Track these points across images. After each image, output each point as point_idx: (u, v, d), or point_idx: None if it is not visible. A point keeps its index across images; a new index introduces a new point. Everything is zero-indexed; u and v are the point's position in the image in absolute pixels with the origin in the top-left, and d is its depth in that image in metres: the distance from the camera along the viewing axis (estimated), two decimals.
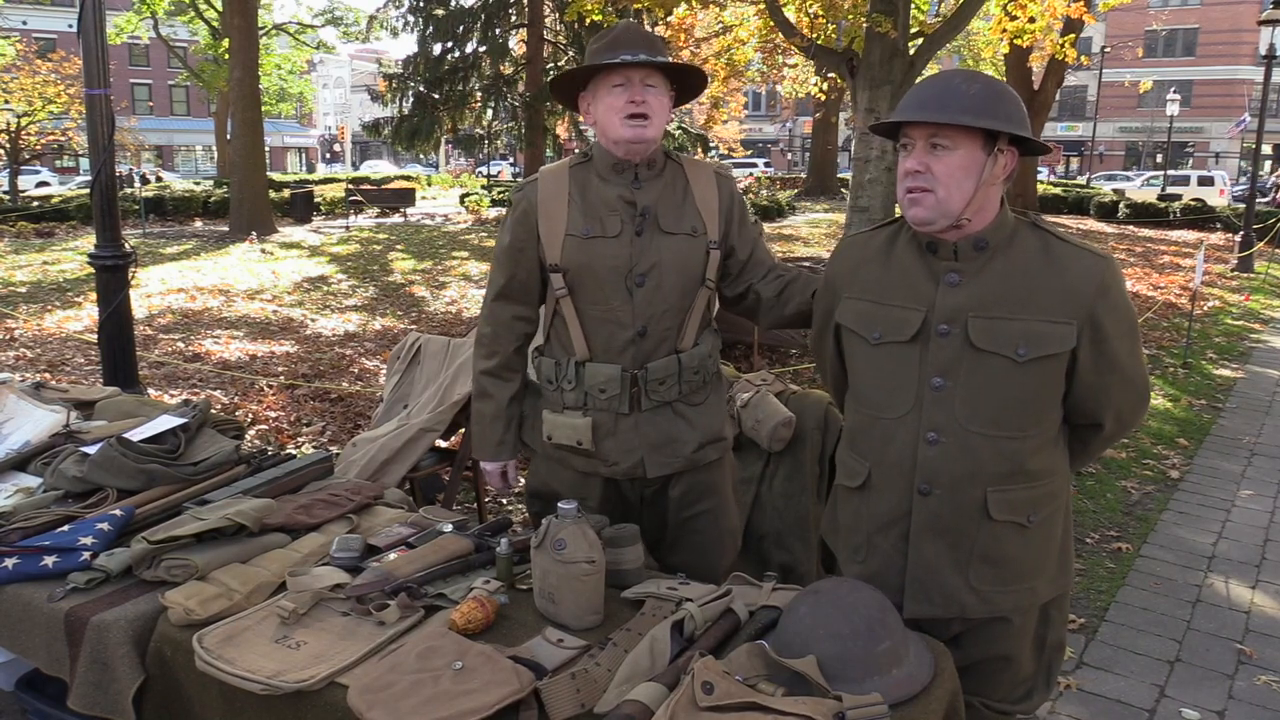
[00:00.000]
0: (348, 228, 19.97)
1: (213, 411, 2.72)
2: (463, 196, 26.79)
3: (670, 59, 2.03)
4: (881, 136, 1.77)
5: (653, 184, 2.08)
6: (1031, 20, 10.77)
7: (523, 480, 2.59)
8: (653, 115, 2.01)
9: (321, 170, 54.38)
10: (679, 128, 25.66)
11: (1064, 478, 1.81)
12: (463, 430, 3.84)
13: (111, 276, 4.46)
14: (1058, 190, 26.48)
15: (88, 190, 8.43)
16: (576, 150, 3.49)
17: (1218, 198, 27.22)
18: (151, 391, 6.10)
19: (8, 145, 23.19)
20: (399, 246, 16.38)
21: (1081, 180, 35.92)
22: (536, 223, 2.07)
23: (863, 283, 1.82)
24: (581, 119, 2.31)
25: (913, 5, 10.27)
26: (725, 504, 2.25)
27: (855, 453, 1.86)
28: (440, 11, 23.83)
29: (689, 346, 2.11)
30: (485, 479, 2.31)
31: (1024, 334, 1.66)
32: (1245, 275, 13.81)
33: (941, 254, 1.72)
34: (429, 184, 35.59)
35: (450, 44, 24.53)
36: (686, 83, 2.14)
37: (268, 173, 20.66)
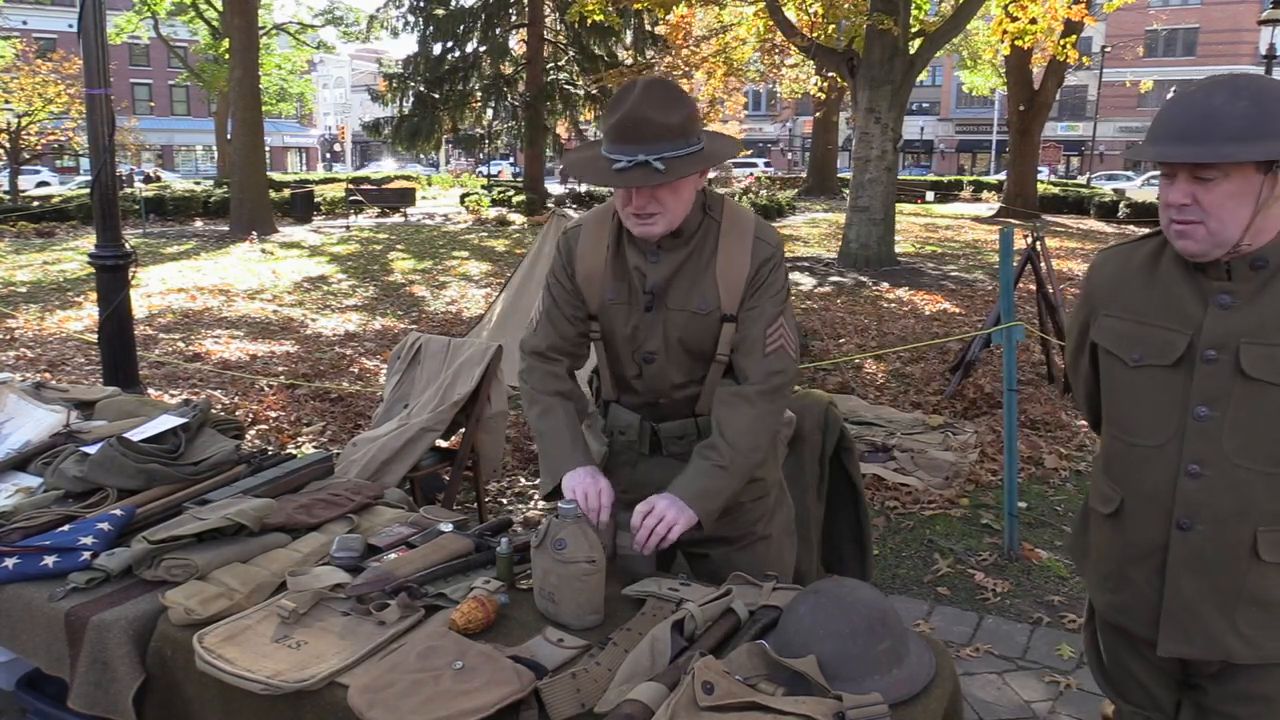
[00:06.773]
0: (348, 227, 19.98)
1: (213, 411, 2.72)
2: (463, 196, 26.79)
3: (674, 150, 1.73)
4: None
5: (673, 255, 1.91)
6: (1033, 21, 10.78)
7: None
8: (662, 211, 1.81)
9: (321, 170, 54.36)
10: None
11: None
12: (463, 430, 3.84)
13: (112, 276, 4.47)
14: (1056, 190, 26.47)
15: (88, 190, 8.43)
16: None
17: None
18: (151, 391, 6.11)
19: (8, 145, 23.21)
20: (399, 246, 16.38)
21: (1081, 180, 35.90)
22: (574, 273, 2.00)
23: (1123, 300, 1.69)
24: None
25: (913, 5, 10.27)
26: (767, 544, 2.13)
27: (1109, 478, 1.74)
28: (440, 11, 23.88)
29: (708, 410, 1.98)
30: None
31: None
32: None
33: (1212, 273, 1.56)
34: (429, 184, 35.62)
35: (450, 44, 24.59)
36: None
37: (268, 173, 20.68)
